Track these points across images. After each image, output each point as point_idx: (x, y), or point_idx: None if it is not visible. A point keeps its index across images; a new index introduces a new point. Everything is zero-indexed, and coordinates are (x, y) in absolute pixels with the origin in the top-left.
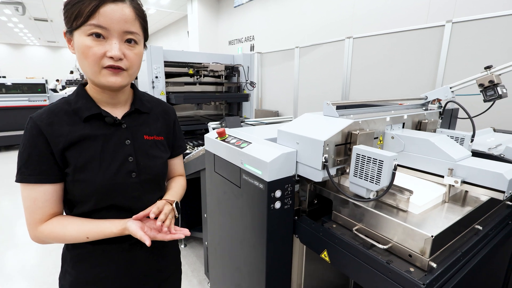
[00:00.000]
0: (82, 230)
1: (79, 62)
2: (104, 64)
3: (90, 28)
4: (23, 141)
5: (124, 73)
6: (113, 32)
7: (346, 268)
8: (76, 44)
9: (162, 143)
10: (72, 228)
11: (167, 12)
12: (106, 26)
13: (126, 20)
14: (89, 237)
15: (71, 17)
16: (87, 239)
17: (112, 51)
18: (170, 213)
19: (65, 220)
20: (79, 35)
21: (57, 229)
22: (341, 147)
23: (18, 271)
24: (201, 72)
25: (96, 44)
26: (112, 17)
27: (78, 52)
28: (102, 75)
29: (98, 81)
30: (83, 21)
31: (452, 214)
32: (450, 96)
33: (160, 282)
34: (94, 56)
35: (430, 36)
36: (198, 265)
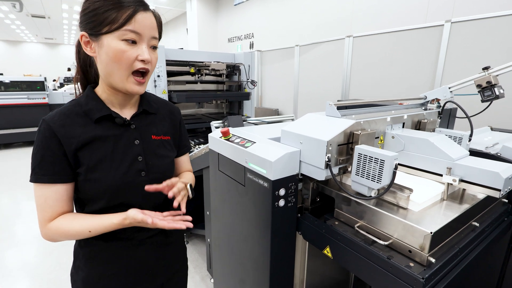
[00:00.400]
0: (85, 224)
1: (108, 66)
2: (135, 67)
3: (125, 33)
4: (37, 142)
5: (145, 81)
6: (144, 38)
7: (348, 263)
8: (107, 48)
9: (168, 143)
10: (76, 223)
11: (165, 9)
12: (140, 32)
13: (153, 27)
14: (91, 230)
15: (102, 21)
16: (89, 233)
17: (144, 54)
18: (183, 190)
19: (70, 216)
20: (112, 39)
21: (63, 225)
22: (343, 146)
23: (19, 269)
24: (203, 70)
25: (129, 48)
26: (145, 24)
27: (109, 56)
28: (129, 82)
29: (123, 87)
30: (119, 26)
31: (450, 211)
32: (449, 96)
33: (168, 277)
34: (128, 60)
35: (429, 35)
36: (200, 261)
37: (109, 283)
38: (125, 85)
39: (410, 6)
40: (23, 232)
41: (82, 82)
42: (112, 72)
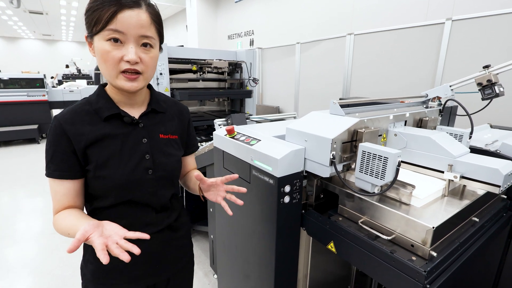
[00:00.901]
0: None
1: (99, 65)
2: (121, 67)
3: (109, 33)
4: (48, 139)
5: (140, 77)
6: (130, 37)
7: (351, 258)
8: (96, 48)
9: (176, 142)
10: (63, 221)
11: (165, 6)
12: (123, 30)
13: (142, 25)
14: (70, 233)
15: (91, 23)
16: (68, 235)
17: (129, 55)
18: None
19: (66, 213)
20: (99, 40)
21: (58, 220)
22: (347, 144)
23: (22, 266)
24: (205, 68)
25: (114, 49)
26: (129, 23)
27: (98, 56)
28: (119, 80)
29: (115, 84)
30: (102, 26)
31: (451, 207)
32: (450, 94)
33: (175, 271)
34: (113, 60)
35: (430, 33)
36: (203, 257)
37: (116, 276)
38: (117, 83)
39: (411, 3)
40: (25, 229)
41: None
42: (104, 72)
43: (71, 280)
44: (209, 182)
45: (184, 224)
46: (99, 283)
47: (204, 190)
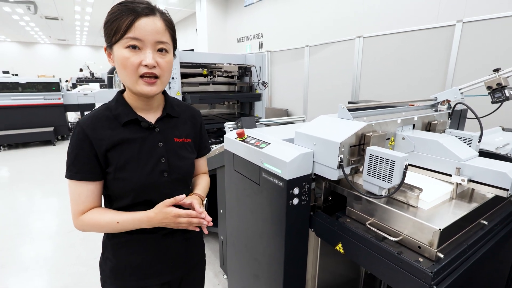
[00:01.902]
0: (114, 216)
1: (119, 73)
2: (140, 72)
3: (128, 41)
4: (71, 142)
5: (157, 82)
6: (147, 43)
7: (359, 258)
8: (116, 57)
9: (189, 145)
10: (106, 215)
11: (175, 10)
12: (141, 37)
13: (157, 31)
14: (119, 221)
15: (110, 33)
16: (117, 224)
17: (147, 59)
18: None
19: (101, 210)
20: (118, 48)
21: (95, 217)
22: (355, 148)
23: (39, 263)
24: (215, 72)
25: (132, 55)
26: (146, 30)
27: (118, 64)
28: (139, 85)
29: (135, 90)
30: (121, 35)
31: (458, 209)
32: (459, 97)
33: (187, 270)
34: (132, 66)
35: (440, 35)
36: (213, 258)
37: (134, 273)
38: (136, 88)
39: (421, 6)
40: (41, 228)
41: None
42: (124, 78)
43: (87, 277)
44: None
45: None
46: (117, 279)
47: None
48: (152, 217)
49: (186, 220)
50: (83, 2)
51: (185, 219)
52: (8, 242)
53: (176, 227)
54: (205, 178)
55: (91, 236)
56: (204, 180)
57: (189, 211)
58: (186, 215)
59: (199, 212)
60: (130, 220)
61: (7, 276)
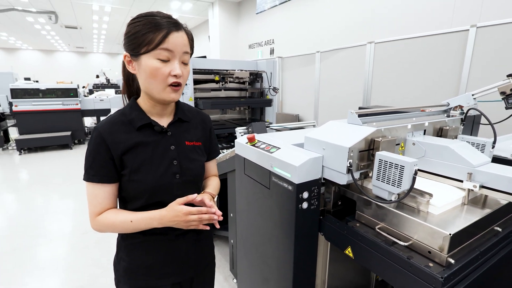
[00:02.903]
0: (128, 216)
1: (146, 81)
2: (169, 81)
3: (160, 52)
4: (89, 146)
5: (179, 89)
6: (176, 55)
7: (368, 263)
8: (144, 66)
9: (200, 148)
10: (121, 215)
11: (188, 18)
12: (173, 49)
13: (185, 44)
14: (132, 220)
15: (140, 44)
16: (131, 223)
17: (176, 70)
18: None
19: (116, 210)
20: (148, 58)
21: (110, 217)
22: (364, 153)
23: (55, 264)
24: (227, 78)
25: (163, 66)
26: (177, 43)
27: (146, 73)
28: (166, 92)
29: (160, 97)
30: (155, 46)
31: (471, 215)
32: (472, 103)
33: (198, 271)
34: (163, 75)
35: (454, 41)
36: (223, 262)
37: (146, 273)
38: (162, 96)
39: (434, 11)
40: (57, 229)
41: (127, 93)
42: (150, 86)
43: (102, 279)
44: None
45: None
46: (130, 278)
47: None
48: (164, 215)
49: (197, 217)
50: (100, 12)
51: (195, 216)
52: (26, 242)
53: (187, 227)
54: (216, 179)
55: (105, 238)
56: (214, 181)
57: (199, 208)
58: (197, 211)
59: (209, 206)
60: (143, 219)
61: (24, 275)
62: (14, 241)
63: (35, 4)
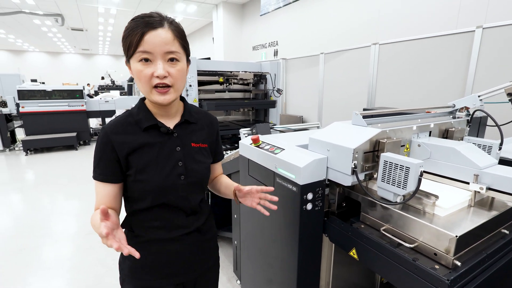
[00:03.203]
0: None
1: (137, 84)
2: (153, 83)
3: (139, 54)
4: (97, 146)
5: (170, 90)
6: (157, 55)
7: (373, 265)
8: (132, 70)
9: (206, 150)
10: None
11: (192, 20)
12: (150, 50)
13: (166, 42)
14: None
15: (126, 48)
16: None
17: (158, 70)
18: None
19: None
20: (133, 62)
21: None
22: (369, 154)
23: (61, 264)
24: (231, 80)
25: (145, 67)
26: (154, 42)
27: (134, 76)
28: (153, 94)
29: (150, 99)
30: (133, 50)
31: (477, 217)
32: (478, 104)
33: (202, 272)
34: (145, 78)
35: (459, 42)
36: (227, 263)
37: (150, 272)
38: (151, 98)
39: (440, 12)
40: (63, 229)
41: None
42: (140, 89)
43: (107, 278)
44: (245, 190)
45: (211, 228)
46: (135, 278)
47: (240, 197)
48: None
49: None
50: (106, 14)
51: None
52: (32, 242)
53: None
54: (227, 177)
55: None
56: (227, 178)
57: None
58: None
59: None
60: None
61: (30, 275)
62: (20, 241)
63: (42, 7)
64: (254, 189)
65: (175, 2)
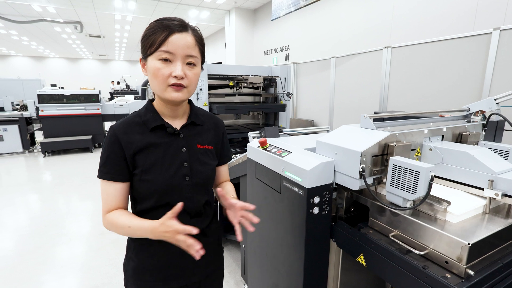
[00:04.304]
0: (127, 221)
1: (150, 81)
2: (169, 82)
3: (161, 53)
4: (104, 145)
5: (184, 90)
6: (178, 56)
7: (381, 271)
8: (149, 67)
9: (211, 152)
10: (122, 218)
11: (205, 25)
12: (172, 51)
13: (188, 46)
14: (130, 226)
15: (146, 46)
16: (129, 228)
17: (176, 71)
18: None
19: (121, 212)
20: (152, 60)
21: (114, 217)
22: (378, 158)
23: (73, 262)
24: (241, 84)
25: (164, 66)
26: (178, 44)
27: (150, 73)
28: (167, 92)
29: (163, 96)
30: (155, 48)
31: (492, 225)
32: (495, 107)
33: (206, 275)
34: (163, 76)
35: (476, 44)
36: (235, 267)
37: (154, 273)
38: (165, 95)
39: (456, 14)
40: (76, 229)
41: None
42: (154, 86)
43: (115, 278)
44: (229, 201)
45: (215, 230)
46: (138, 279)
47: (225, 207)
48: (156, 227)
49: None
50: (122, 21)
51: (182, 237)
52: (47, 241)
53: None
54: (231, 185)
55: (120, 239)
56: (231, 188)
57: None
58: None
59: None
60: (139, 227)
61: (45, 272)
62: (36, 239)
63: (62, 15)
64: (238, 205)
65: (188, 9)
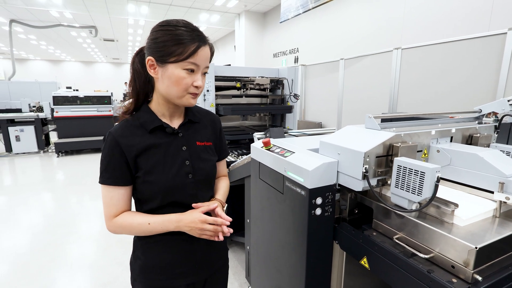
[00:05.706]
0: (146, 219)
1: (168, 87)
2: (190, 90)
3: (188, 64)
4: (104, 150)
5: (197, 96)
6: (200, 68)
7: (385, 275)
8: (170, 74)
9: (211, 148)
10: (138, 217)
11: (215, 29)
12: (199, 63)
13: (207, 59)
14: (150, 222)
15: (171, 53)
16: (149, 225)
17: (198, 82)
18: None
19: (133, 213)
20: (175, 67)
21: (127, 220)
22: (382, 158)
23: (82, 261)
24: (248, 85)
25: (188, 76)
26: (203, 57)
27: (171, 80)
28: (186, 98)
29: (179, 102)
30: (184, 58)
31: (503, 229)
32: (508, 109)
33: (211, 273)
34: (186, 85)
35: (489, 45)
36: (239, 269)
37: (161, 272)
38: (182, 101)
39: (470, 15)
40: (86, 228)
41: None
42: (171, 92)
43: (122, 277)
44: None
45: None
46: (145, 277)
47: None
48: (181, 219)
49: (212, 228)
50: (135, 25)
51: (210, 226)
52: (58, 239)
53: (199, 235)
54: (226, 181)
55: (126, 238)
56: (224, 184)
57: (216, 218)
58: (213, 221)
59: (228, 220)
60: (160, 221)
61: (55, 270)
62: (47, 237)
63: (78, 20)
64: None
65: (199, 12)
